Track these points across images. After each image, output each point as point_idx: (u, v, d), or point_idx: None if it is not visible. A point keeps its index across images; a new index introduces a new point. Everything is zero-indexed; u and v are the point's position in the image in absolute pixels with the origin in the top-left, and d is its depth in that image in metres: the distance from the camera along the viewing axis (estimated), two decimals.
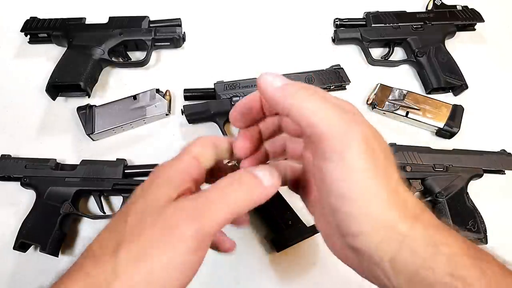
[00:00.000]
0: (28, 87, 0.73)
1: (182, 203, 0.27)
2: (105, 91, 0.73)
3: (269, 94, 0.28)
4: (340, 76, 0.70)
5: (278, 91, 0.28)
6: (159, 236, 0.26)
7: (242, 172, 0.30)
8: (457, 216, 0.59)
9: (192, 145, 0.32)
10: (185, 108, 0.66)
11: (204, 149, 0.32)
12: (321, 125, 0.26)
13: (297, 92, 0.27)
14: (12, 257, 0.58)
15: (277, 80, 0.28)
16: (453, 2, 0.80)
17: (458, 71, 0.72)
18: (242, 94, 0.67)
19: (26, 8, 0.81)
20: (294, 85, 0.28)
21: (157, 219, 0.26)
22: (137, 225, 0.27)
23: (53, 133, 0.69)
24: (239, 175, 0.29)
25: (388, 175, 0.26)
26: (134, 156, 0.66)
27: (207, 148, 0.33)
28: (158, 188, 0.29)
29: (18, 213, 0.61)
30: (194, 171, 0.31)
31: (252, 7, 0.83)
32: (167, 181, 0.29)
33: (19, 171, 0.61)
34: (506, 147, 0.66)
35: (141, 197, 0.29)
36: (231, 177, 0.29)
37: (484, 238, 0.59)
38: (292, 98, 0.27)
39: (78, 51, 0.71)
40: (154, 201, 0.28)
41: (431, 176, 0.62)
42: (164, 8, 0.81)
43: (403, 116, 0.68)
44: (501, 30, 0.82)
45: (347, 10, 0.81)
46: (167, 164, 0.31)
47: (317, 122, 0.26)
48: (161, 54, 0.77)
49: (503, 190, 0.65)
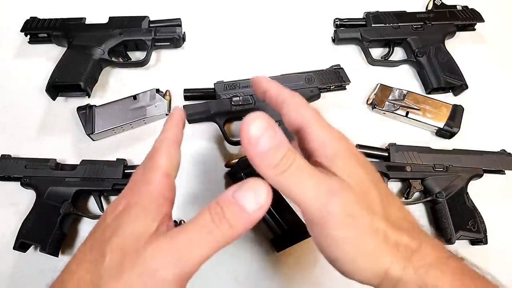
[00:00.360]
0: (28, 87, 0.73)
1: (162, 244, 0.26)
2: (105, 91, 0.73)
3: (255, 162, 0.27)
4: (340, 76, 0.70)
5: (262, 167, 0.27)
6: (138, 281, 0.25)
7: (224, 201, 0.27)
8: (457, 216, 0.59)
9: (158, 156, 0.31)
10: (185, 108, 0.66)
11: (172, 159, 0.31)
12: (302, 204, 0.28)
13: (280, 169, 0.27)
14: (12, 257, 0.59)
15: (264, 141, 0.26)
16: (453, 2, 0.80)
17: (458, 71, 0.72)
18: (242, 94, 0.67)
19: (26, 8, 0.81)
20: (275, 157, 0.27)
21: (136, 261, 0.25)
22: (116, 266, 0.25)
23: (53, 133, 0.69)
24: (220, 208, 0.27)
25: (374, 227, 0.27)
26: (134, 156, 0.66)
27: (174, 155, 0.32)
28: (135, 220, 0.27)
29: (18, 213, 0.61)
30: (168, 193, 0.30)
31: (252, 7, 0.83)
32: (143, 211, 0.28)
33: (19, 171, 0.61)
34: (506, 147, 0.66)
35: (117, 229, 0.27)
36: (213, 209, 0.27)
37: (484, 238, 0.59)
38: (272, 177, 0.27)
39: (78, 51, 0.71)
40: (134, 238, 0.26)
41: (431, 176, 0.62)
42: (164, 8, 0.81)
43: (403, 116, 0.68)
44: (501, 30, 0.82)
45: (347, 10, 0.81)
46: (139, 186, 0.30)
47: (298, 200, 0.28)
48: (161, 54, 0.77)
49: (503, 190, 0.65)
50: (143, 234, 0.26)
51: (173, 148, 0.32)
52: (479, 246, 0.60)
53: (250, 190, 0.26)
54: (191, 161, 0.66)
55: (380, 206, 0.28)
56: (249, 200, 0.26)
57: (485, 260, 0.60)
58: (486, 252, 0.60)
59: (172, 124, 0.34)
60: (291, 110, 0.32)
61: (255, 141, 0.26)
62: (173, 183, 0.31)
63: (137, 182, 0.31)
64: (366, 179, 0.29)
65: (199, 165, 0.66)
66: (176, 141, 0.33)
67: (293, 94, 0.33)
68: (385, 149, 0.65)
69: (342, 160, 0.29)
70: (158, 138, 0.34)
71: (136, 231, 0.27)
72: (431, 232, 0.62)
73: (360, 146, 0.65)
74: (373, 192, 0.29)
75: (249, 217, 0.26)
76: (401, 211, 0.30)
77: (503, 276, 0.60)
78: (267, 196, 0.26)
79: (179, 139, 0.34)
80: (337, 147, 0.30)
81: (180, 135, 0.34)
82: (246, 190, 0.26)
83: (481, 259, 0.60)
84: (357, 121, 0.71)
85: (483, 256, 0.60)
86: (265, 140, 0.26)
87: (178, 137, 0.34)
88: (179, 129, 0.34)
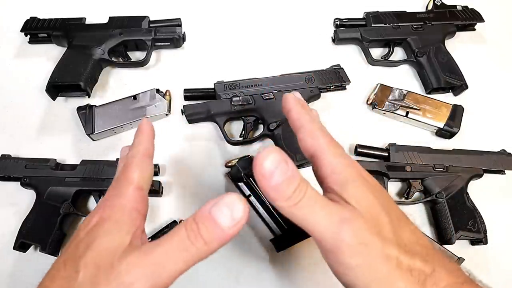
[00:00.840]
0: (28, 87, 0.73)
1: (137, 258, 0.26)
2: (105, 91, 0.73)
3: (269, 195, 0.28)
4: (340, 76, 0.70)
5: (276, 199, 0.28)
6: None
7: (201, 217, 0.27)
8: (457, 216, 0.59)
9: (130, 170, 0.31)
10: (185, 108, 0.66)
11: (144, 173, 0.32)
12: (316, 233, 0.28)
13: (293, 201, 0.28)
14: (12, 257, 0.59)
15: (277, 175, 0.27)
16: (453, 2, 0.80)
17: (458, 71, 0.72)
18: (242, 94, 0.67)
19: (26, 8, 0.81)
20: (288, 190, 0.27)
21: (110, 276, 0.25)
22: (90, 281, 0.25)
23: (53, 133, 0.69)
24: (196, 224, 0.27)
25: (386, 253, 0.28)
26: None
27: (146, 168, 0.32)
28: (109, 234, 0.28)
29: (18, 213, 0.61)
30: (140, 206, 0.30)
31: (252, 7, 0.83)
32: (116, 225, 0.28)
33: (19, 171, 0.61)
34: (506, 147, 0.66)
35: (91, 244, 0.27)
36: (189, 225, 0.27)
37: (484, 238, 0.59)
38: (286, 209, 0.28)
39: (78, 51, 0.71)
40: (108, 253, 0.26)
41: (431, 176, 0.62)
42: (164, 8, 0.81)
43: (403, 116, 0.68)
44: (501, 30, 0.82)
45: (347, 10, 0.81)
46: (112, 200, 0.30)
47: (312, 230, 0.28)
48: (161, 54, 0.77)
49: (503, 190, 0.65)
50: (117, 248, 0.27)
51: (145, 162, 0.33)
52: (479, 246, 0.60)
53: (226, 206, 0.27)
54: (191, 161, 0.66)
55: (391, 232, 0.29)
56: (225, 216, 0.27)
57: (485, 260, 0.60)
58: (486, 252, 0.60)
59: (143, 137, 0.35)
60: (307, 136, 0.33)
61: (269, 175, 0.27)
62: (145, 196, 0.31)
63: (110, 196, 0.31)
64: (376, 205, 0.30)
65: (199, 165, 0.66)
66: (147, 155, 0.34)
67: (311, 120, 0.34)
68: (385, 149, 0.65)
69: (353, 186, 0.30)
70: (130, 152, 0.34)
71: (110, 245, 0.27)
72: (431, 232, 0.62)
73: (360, 146, 0.65)
74: (383, 218, 0.29)
75: (224, 234, 0.27)
76: (414, 234, 0.31)
77: (503, 276, 0.60)
78: (243, 212, 0.27)
79: (151, 152, 0.35)
80: (348, 174, 0.31)
81: (151, 148, 0.35)
82: (222, 205, 0.27)
83: (481, 259, 0.60)
84: (357, 121, 0.71)
85: (483, 256, 0.60)
86: (278, 174, 0.27)
87: (149, 150, 0.34)
88: (150, 142, 0.35)
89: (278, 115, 0.66)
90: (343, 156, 0.32)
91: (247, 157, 0.64)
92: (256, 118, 0.68)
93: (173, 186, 0.64)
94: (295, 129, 0.34)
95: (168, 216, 0.62)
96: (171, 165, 0.66)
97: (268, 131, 0.65)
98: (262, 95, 0.67)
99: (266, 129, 0.66)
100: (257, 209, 0.60)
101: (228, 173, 0.63)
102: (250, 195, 0.60)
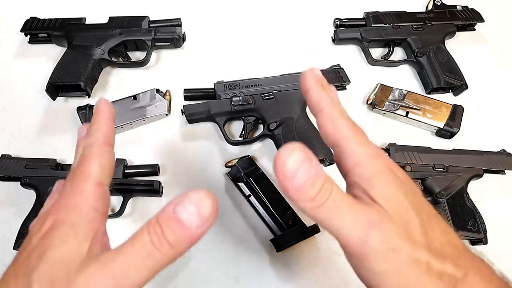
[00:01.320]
0: (28, 87, 0.73)
1: (96, 270, 0.23)
2: (105, 91, 0.73)
3: (291, 196, 0.25)
4: (340, 76, 0.70)
5: (299, 201, 0.25)
6: None
7: (164, 218, 0.24)
8: (457, 216, 0.59)
9: (87, 163, 0.27)
10: (185, 108, 0.66)
11: (104, 165, 0.28)
12: (340, 237, 0.26)
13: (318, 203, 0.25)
14: (12, 257, 0.58)
15: (300, 174, 0.24)
16: (453, 2, 0.80)
17: (458, 71, 0.72)
18: (242, 94, 0.67)
19: (26, 8, 0.81)
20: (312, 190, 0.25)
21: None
22: None
23: (53, 133, 0.69)
24: (160, 227, 0.24)
25: (416, 257, 0.26)
26: (134, 156, 0.66)
27: (106, 159, 0.28)
28: (64, 242, 0.24)
29: (18, 213, 0.61)
30: (100, 205, 0.27)
31: (252, 7, 0.83)
32: (72, 229, 0.25)
33: (19, 171, 0.61)
34: (506, 147, 0.66)
35: (44, 254, 0.24)
36: (152, 228, 0.24)
37: (484, 238, 0.59)
38: (309, 211, 0.26)
39: (78, 51, 0.71)
40: (63, 265, 0.24)
41: (431, 176, 0.62)
42: (164, 8, 0.81)
43: (403, 116, 0.68)
44: (501, 30, 0.82)
45: (347, 10, 0.81)
46: (67, 199, 0.26)
47: (336, 233, 0.26)
48: (161, 54, 0.77)
49: (503, 190, 0.65)
50: (74, 259, 0.24)
51: (105, 152, 0.29)
52: (479, 246, 0.60)
53: (192, 204, 0.24)
54: (191, 161, 0.66)
55: (421, 234, 0.27)
56: (192, 215, 0.24)
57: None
58: (486, 252, 0.60)
59: (101, 122, 0.30)
60: (327, 121, 0.29)
61: (292, 175, 0.24)
62: (106, 192, 0.28)
63: (65, 194, 0.27)
64: (406, 203, 0.27)
65: (199, 165, 0.66)
66: (107, 143, 0.29)
67: (332, 103, 0.30)
68: (385, 149, 0.65)
69: (380, 182, 0.27)
70: (87, 140, 0.29)
71: (65, 256, 0.24)
72: None
73: None
74: (413, 218, 0.27)
75: (192, 234, 0.24)
76: (446, 234, 0.29)
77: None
78: (212, 208, 0.24)
79: (111, 139, 0.30)
80: (374, 167, 0.28)
81: (112, 133, 0.30)
82: (188, 203, 0.24)
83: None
84: (357, 121, 0.70)
85: (483, 256, 0.60)
86: (302, 173, 0.24)
87: (109, 137, 0.30)
88: (110, 127, 0.30)
89: (278, 115, 0.66)
90: (368, 145, 0.29)
91: (247, 157, 0.64)
92: (256, 118, 0.68)
93: (173, 186, 0.64)
94: (314, 112, 0.30)
95: None
96: (171, 165, 0.66)
97: (268, 131, 0.65)
98: (262, 95, 0.67)
99: (266, 129, 0.66)
100: (257, 209, 0.60)
101: (228, 173, 0.63)
102: (250, 195, 0.60)
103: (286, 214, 0.59)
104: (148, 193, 0.62)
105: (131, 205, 0.62)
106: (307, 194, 0.25)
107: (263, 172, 0.63)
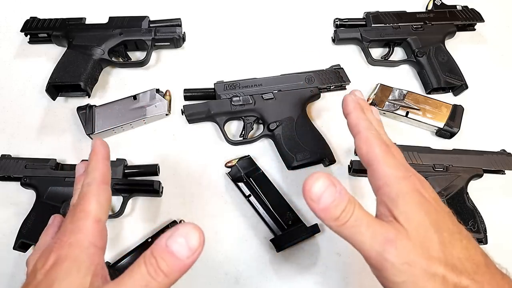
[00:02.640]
0: (28, 87, 0.73)
1: None
2: (105, 91, 0.73)
3: (318, 216, 0.30)
4: (340, 76, 0.70)
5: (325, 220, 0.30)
6: None
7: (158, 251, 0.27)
8: (457, 216, 0.59)
9: (86, 202, 0.30)
10: (185, 108, 0.66)
11: (102, 203, 0.31)
12: (361, 251, 0.30)
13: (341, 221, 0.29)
14: (12, 257, 0.59)
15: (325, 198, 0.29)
16: (453, 2, 0.80)
17: (458, 71, 0.72)
18: (242, 94, 0.67)
19: (26, 8, 0.81)
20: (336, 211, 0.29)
21: None
22: None
23: (53, 133, 0.69)
24: (155, 259, 0.27)
25: (432, 271, 0.28)
26: (134, 156, 0.66)
27: (104, 197, 0.31)
28: (67, 277, 0.27)
29: (18, 213, 0.61)
30: (99, 240, 0.29)
31: (252, 7, 0.83)
32: (75, 265, 0.27)
33: (19, 171, 0.61)
34: (506, 147, 0.66)
35: (51, 286, 0.26)
36: (148, 260, 0.27)
37: (484, 238, 0.59)
38: (334, 228, 0.30)
39: (78, 51, 0.71)
40: None
41: (431, 176, 0.62)
42: (164, 8, 0.81)
43: (403, 116, 0.68)
44: (501, 30, 0.82)
45: (347, 10, 0.81)
46: (69, 236, 0.29)
47: (358, 247, 0.30)
48: (161, 54, 0.77)
49: (503, 190, 0.65)
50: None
51: (102, 190, 0.31)
52: None
53: (181, 237, 0.27)
54: (191, 161, 0.66)
55: (440, 250, 0.29)
56: (182, 246, 0.27)
57: None
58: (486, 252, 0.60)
59: (98, 161, 0.33)
60: (362, 143, 0.33)
61: (317, 198, 0.29)
62: (104, 228, 0.30)
63: (66, 232, 0.30)
64: (426, 222, 0.30)
65: (199, 165, 0.66)
66: (104, 181, 0.32)
67: (369, 126, 0.34)
68: None
69: (404, 202, 0.31)
70: (85, 179, 0.32)
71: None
72: None
73: None
74: (432, 236, 0.29)
75: (183, 264, 0.27)
76: (466, 250, 0.31)
77: None
78: (199, 239, 0.27)
79: (107, 177, 0.33)
80: (400, 188, 0.31)
81: (107, 172, 0.33)
82: (177, 236, 0.27)
83: None
84: None
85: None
86: (326, 196, 0.29)
87: (105, 176, 0.33)
88: (106, 166, 0.34)
89: (278, 115, 0.66)
90: (397, 167, 0.32)
91: (247, 157, 0.64)
92: (256, 118, 0.68)
93: (173, 186, 0.64)
94: (352, 134, 0.35)
95: (168, 216, 0.62)
96: (171, 165, 0.66)
97: (268, 131, 0.65)
98: (262, 95, 0.67)
99: (266, 129, 0.66)
100: (257, 209, 0.60)
101: (228, 173, 0.63)
102: (250, 195, 0.60)
103: (286, 214, 0.59)
104: (148, 193, 0.62)
105: (131, 205, 0.62)
106: (332, 214, 0.29)
107: (263, 172, 0.63)
